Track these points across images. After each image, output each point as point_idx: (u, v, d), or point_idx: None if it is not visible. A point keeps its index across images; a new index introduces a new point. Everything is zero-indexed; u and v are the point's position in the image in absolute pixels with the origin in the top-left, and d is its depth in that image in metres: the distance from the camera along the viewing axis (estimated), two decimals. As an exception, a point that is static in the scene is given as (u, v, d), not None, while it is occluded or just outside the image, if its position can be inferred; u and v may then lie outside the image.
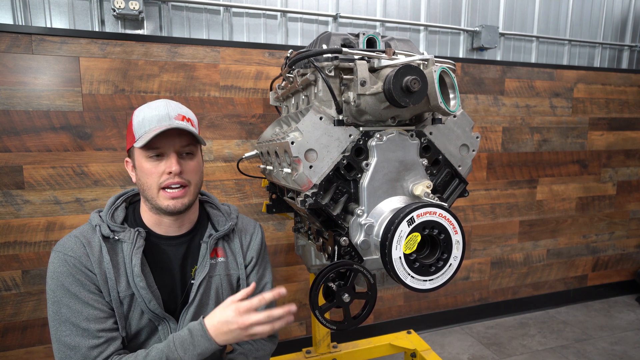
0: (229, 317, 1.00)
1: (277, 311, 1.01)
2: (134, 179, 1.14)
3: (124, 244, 1.10)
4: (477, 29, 2.70)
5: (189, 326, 1.04)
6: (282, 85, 1.56)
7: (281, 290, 1.02)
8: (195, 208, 1.22)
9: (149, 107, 1.12)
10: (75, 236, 1.09)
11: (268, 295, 1.01)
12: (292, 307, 1.02)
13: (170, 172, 1.07)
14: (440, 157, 1.21)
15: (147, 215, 1.16)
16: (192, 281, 1.17)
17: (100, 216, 1.13)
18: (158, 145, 1.07)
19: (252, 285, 1.06)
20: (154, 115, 1.08)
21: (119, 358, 1.02)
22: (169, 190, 1.08)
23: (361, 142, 1.11)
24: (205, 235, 1.21)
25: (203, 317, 1.04)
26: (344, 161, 1.10)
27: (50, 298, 1.05)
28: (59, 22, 1.96)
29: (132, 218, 1.18)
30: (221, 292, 1.21)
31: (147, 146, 1.06)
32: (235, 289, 1.26)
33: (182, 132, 1.08)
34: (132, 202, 1.23)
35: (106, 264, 1.07)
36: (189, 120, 1.13)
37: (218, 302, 1.20)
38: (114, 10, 1.92)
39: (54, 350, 1.03)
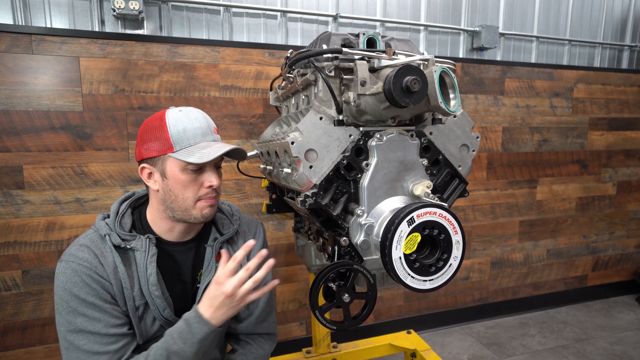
0: (211, 291, 1.00)
1: (252, 262, 1.00)
2: (153, 187, 1.10)
3: (137, 252, 1.08)
4: (477, 29, 2.70)
5: (184, 316, 1.02)
6: (282, 85, 1.56)
7: (263, 253, 1.01)
8: None
9: (187, 117, 1.08)
10: (86, 246, 1.06)
11: (252, 263, 1.00)
12: (270, 262, 1.03)
13: (211, 186, 1.08)
14: (441, 157, 1.21)
15: (159, 222, 1.14)
16: (198, 285, 1.16)
17: (107, 224, 1.10)
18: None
19: (249, 243, 1.03)
20: (196, 128, 1.07)
21: None
22: (205, 200, 1.09)
23: (361, 142, 1.11)
24: (210, 239, 1.21)
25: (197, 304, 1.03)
26: (344, 161, 1.10)
27: (62, 308, 1.01)
28: (59, 22, 1.96)
29: (140, 224, 1.15)
30: None
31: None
32: None
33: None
34: (135, 206, 1.20)
35: (121, 274, 1.05)
36: (217, 131, 1.17)
37: None
38: (114, 10, 1.92)
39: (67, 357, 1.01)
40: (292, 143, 1.04)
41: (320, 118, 1.07)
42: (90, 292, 1.01)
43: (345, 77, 1.09)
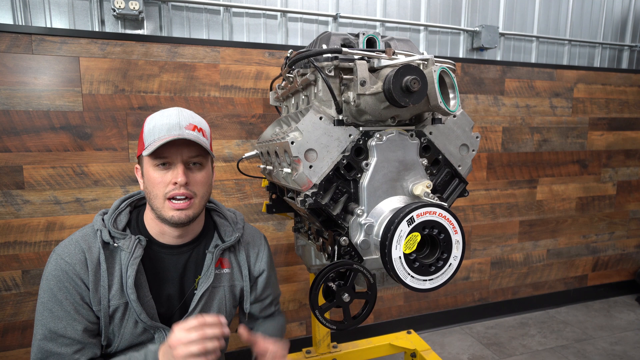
0: (169, 341, 0.94)
1: (210, 331, 0.92)
2: (141, 187, 1.12)
3: (123, 252, 1.08)
4: (477, 29, 2.70)
5: (146, 350, 1.03)
6: (282, 85, 1.56)
7: (222, 321, 0.96)
8: (200, 219, 1.20)
9: (161, 115, 1.09)
10: (76, 240, 1.07)
11: (209, 319, 0.94)
12: (226, 330, 0.96)
13: (176, 183, 1.05)
14: (440, 157, 1.21)
15: (151, 223, 1.14)
16: (195, 291, 1.16)
17: (103, 220, 1.11)
18: (166, 154, 1.05)
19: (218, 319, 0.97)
20: (164, 124, 1.06)
21: None
22: (174, 201, 1.06)
23: (361, 142, 1.11)
24: (211, 245, 1.20)
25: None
26: (344, 161, 1.10)
27: (39, 297, 1.05)
28: (59, 22, 1.96)
29: (135, 224, 1.16)
30: (224, 303, 1.21)
31: (155, 155, 1.04)
32: (238, 300, 1.26)
33: (191, 143, 1.06)
34: (137, 206, 1.21)
35: (102, 272, 1.06)
36: (200, 130, 1.10)
37: (220, 312, 1.20)
38: (114, 10, 1.92)
39: (32, 345, 1.04)
40: (292, 143, 1.04)
41: (320, 118, 1.07)
42: (61, 289, 1.03)
43: (345, 77, 1.09)
